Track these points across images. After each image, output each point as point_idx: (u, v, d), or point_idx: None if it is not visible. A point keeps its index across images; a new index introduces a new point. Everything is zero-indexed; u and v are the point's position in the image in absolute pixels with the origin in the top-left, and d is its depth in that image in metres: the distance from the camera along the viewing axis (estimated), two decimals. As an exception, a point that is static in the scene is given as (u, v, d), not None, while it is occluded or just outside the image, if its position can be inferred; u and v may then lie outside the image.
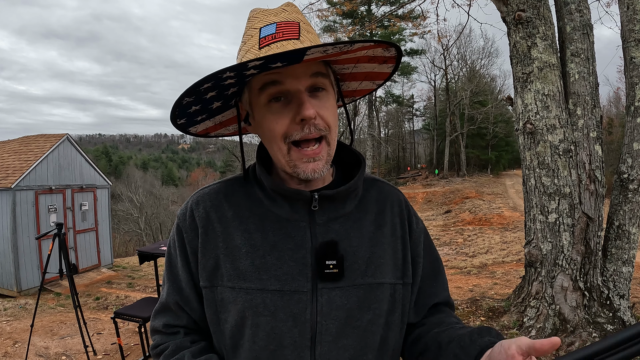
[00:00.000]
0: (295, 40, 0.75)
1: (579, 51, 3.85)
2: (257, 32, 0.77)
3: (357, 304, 0.79)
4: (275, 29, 0.76)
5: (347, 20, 26.65)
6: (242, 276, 0.79)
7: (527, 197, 4.07)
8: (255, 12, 0.82)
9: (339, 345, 0.78)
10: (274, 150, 0.80)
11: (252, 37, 0.78)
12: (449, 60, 35.74)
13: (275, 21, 0.77)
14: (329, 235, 0.81)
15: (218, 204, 0.85)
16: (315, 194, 0.81)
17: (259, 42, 0.76)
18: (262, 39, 0.76)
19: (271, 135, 0.78)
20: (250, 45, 0.77)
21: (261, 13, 0.80)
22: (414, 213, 0.94)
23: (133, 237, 33.35)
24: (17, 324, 6.41)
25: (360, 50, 0.77)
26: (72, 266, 8.48)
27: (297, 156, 0.77)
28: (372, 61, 0.84)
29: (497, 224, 16.20)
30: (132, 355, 4.91)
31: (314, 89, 0.77)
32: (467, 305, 4.77)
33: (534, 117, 3.84)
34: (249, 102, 0.82)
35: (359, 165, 0.89)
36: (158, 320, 0.90)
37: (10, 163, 10.37)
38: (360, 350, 0.79)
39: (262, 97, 0.77)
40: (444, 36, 24.64)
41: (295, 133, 0.76)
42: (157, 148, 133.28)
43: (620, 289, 3.80)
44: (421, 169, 42.63)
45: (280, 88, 0.75)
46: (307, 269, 0.78)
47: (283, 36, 0.75)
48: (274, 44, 0.74)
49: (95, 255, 11.70)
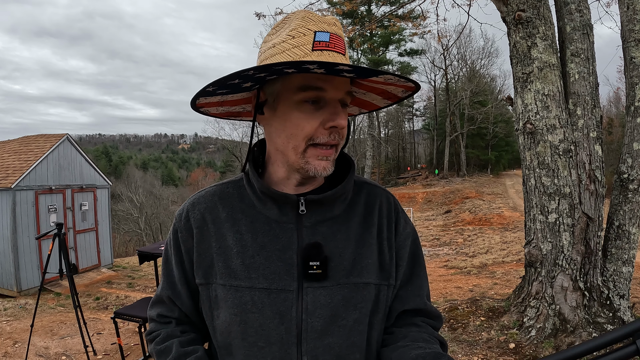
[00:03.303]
0: (343, 55, 0.80)
1: (579, 51, 3.85)
2: (311, 33, 0.79)
3: (342, 302, 0.81)
4: (329, 39, 0.79)
5: (347, 20, 26.65)
6: (233, 275, 0.83)
7: (527, 197, 4.07)
8: (309, 13, 0.83)
9: (324, 343, 0.80)
10: (288, 145, 0.82)
11: (304, 36, 0.79)
12: (449, 60, 35.78)
13: (329, 31, 0.80)
14: (315, 238, 0.84)
15: (212, 206, 0.90)
16: (301, 198, 0.84)
17: (313, 44, 0.78)
18: (317, 43, 0.78)
19: (296, 131, 0.81)
20: (301, 42, 0.79)
21: (316, 17, 0.83)
22: (403, 216, 0.95)
23: (133, 237, 33.37)
24: (17, 324, 6.41)
25: (388, 86, 0.86)
26: (72, 266, 8.49)
27: (314, 153, 0.81)
28: (386, 84, 0.87)
29: (497, 224, 16.21)
30: (132, 355, 4.91)
31: (343, 103, 0.83)
32: (467, 305, 4.77)
33: (534, 117, 3.84)
34: (276, 93, 0.83)
35: (349, 167, 0.93)
36: (153, 310, 0.96)
37: (10, 163, 10.38)
38: (346, 348, 0.81)
39: (299, 96, 0.79)
40: (444, 36, 24.61)
41: (321, 137, 0.81)
42: (157, 148, 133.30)
43: (620, 289, 3.80)
44: (421, 169, 42.63)
45: (321, 94, 0.79)
46: (293, 269, 0.82)
47: (335, 47, 0.79)
48: (326, 52, 0.78)
49: (95, 255, 11.70)
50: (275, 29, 0.84)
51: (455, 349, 4.00)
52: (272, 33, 0.85)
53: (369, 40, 30.21)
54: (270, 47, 0.82)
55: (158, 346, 0.89)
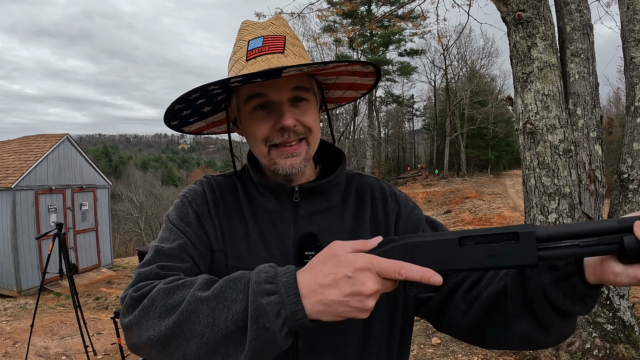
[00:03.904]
0: (280, 54, 0.82)
1: (579, 51, 3.85)
2: (245, 44, 0.85)
3: None
4: (262, 43, 0.83)
5: (347, 20, 26.65)
6: (239, 257, 0.85)
7: (527, 197, 4.07)
8: (246, 24, 0.89)
9: (322, 331, 0.80)
10: (256, 151, 0.89)
11: (240, 49, 0.86)
12: (449, 60, 35.75)
13: (263, 35, 0.85)
14: (311, 227, 0.87)
15: (223, 189, 0.93)
16: (295, 187, 0.88)
17: (247, 54, 0.84)
18: (250, 52, 0.83)
19: (254, 138, 0.86)
20: (238, 57, 0.86)
21: (251, 26, 0.88)
22: (402, 197, 0.97)
23: (133, 237, 33.36)
24: (17, 324, 6.41)
25: (338, 67, 0.85)
26: (72, 266, 8.48)
27: (277, 154, 0.85)
28: (353, 74, 0.92)
29: (497, 224, 16.21)
30: (132, 355, 4.91)
31: (295, 99, 0.84)
32: (467, 305, 4.78)
33: (534, 117, 3.84)
34: (236, 108, 0.90)
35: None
36: (148, 267, 0.76)
37: (10, 163, 10.38)
38: (341, 333, 0.82)
39: (248, 106, 0.85)
40: (444, 36, 24.61)
41: (275, 138, 0.84)
42: (157, 148, 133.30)
43: (620, 289, 3.80)
44: (421, 169, 42.63)
45: (264, 99, 0.83)
46: (290, 258, 0.85)
47: (269, 50, 0.83)
48: (260, 57, 0.82)
49: (95, 255, 11.70)
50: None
51: (455, 349, 4.00)
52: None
53: (369, 40, 30.20)
54: (228, 66, 0.90)
55: (168, 284, 0.69)
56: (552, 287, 0.66)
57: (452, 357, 3.87)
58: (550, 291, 0.66)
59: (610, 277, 0.60)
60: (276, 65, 0.80)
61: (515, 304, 0.73)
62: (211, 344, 0.63)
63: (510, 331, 0.75)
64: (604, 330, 3.63)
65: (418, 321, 4.74)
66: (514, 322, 0.73)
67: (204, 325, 0.63)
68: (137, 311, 0.67)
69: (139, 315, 0.67)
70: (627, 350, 3.50)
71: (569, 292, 0.65)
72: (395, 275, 0.62)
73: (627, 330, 3.70)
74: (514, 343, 0.77)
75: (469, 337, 0.84)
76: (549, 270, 0.67)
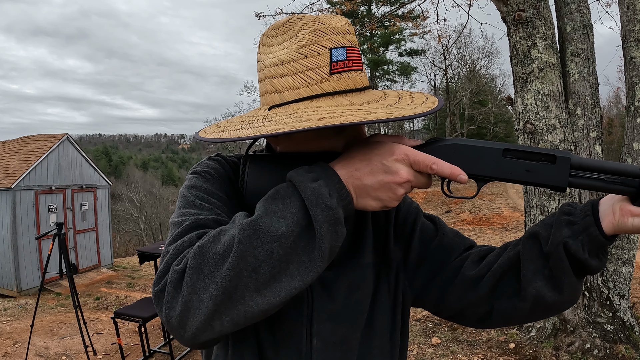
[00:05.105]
0: (361, 72, 0.75)
1: (579, 51, 3.85)
2: (326, 52, 0.72)
3: (346, 284, 0.83)
4: (346, 55, 0.73)
5: (347, 20, 26.63)
6: None
7: (527, 197, 4.07)
8: (322, 24, 0.74)
9: (336, 326, 0.81)
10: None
11: (319, 55, 0.72)
12: (449, 60, 35.73)
13: (345, 45, 0.73)
14: None
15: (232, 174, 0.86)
16: None
17: (330, 65, 0.72)
18: (334, 64, 0.72)
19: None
20: (316, 64, 0.72)
21: (329, 28, 0.73)
22: None
23: (133, 237, 33.33)
24: (17, 324, 6.41)
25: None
26: (72, 266, 8.48)
27: None
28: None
29: (497, 224, 16.21)
30: (132, 355, 4.92)
31: None
32: (467, 305, 4.77)
33: (534, 117, 3.84)
34: None
35: None
36: (182, 239, 0.66)
37: (10, 163, 10.38)
38: (350, 327, 0.82)
39: None
40: (444, 36, 24.59)
41: None
42: (157, 148, 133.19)
43: (620, 289, 3.80)
44: (421, 169, 42.63)
45: None
46: None
47: (353, 65, 0.74)
48: (345, 73, 0.73)
49: (95, 255, 11.70)
50: (276, 31, 0.76)
51: (455, 348, 4.00)
52: (272, 35, 0.77)
53: (369, 40, 30.20)
54: (277, 63, 0.74)
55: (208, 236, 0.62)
56: (572, 239, 0.70)
57: (452, 357, 3.87)
58: (570, 244, 0.69)
59: (629, 219, 0.67)
60: (360, 85, 0.74)
61: (529, 266, 0.75)
62: (283, 258, 0.59)
63: (523, 296, 0.76)
64: (604, 330, 3.63)
65: (418, 321, 4.74)
66: (527, 285, 0.74)
67: (268, 244, 0.58)
68: (188, 278, 0.59)
69: (191, 281, 0.58)
70: (627, 351, 3.50)
71: (588, 243, 0.69)
72: (427, 169, 0.67)
73: (627, 330, 3.71)
74: (525, 310, 0.77)
75: (476, 314, 0.84)
76: (567, 225, 0.71)
